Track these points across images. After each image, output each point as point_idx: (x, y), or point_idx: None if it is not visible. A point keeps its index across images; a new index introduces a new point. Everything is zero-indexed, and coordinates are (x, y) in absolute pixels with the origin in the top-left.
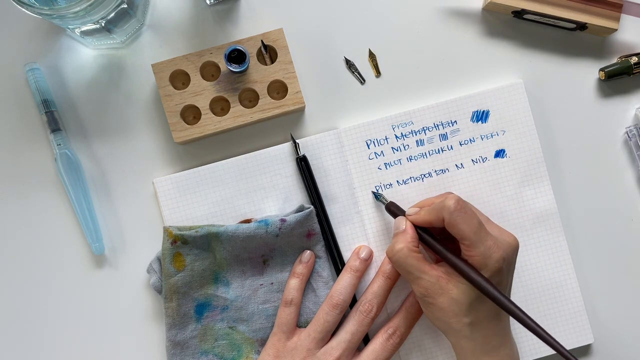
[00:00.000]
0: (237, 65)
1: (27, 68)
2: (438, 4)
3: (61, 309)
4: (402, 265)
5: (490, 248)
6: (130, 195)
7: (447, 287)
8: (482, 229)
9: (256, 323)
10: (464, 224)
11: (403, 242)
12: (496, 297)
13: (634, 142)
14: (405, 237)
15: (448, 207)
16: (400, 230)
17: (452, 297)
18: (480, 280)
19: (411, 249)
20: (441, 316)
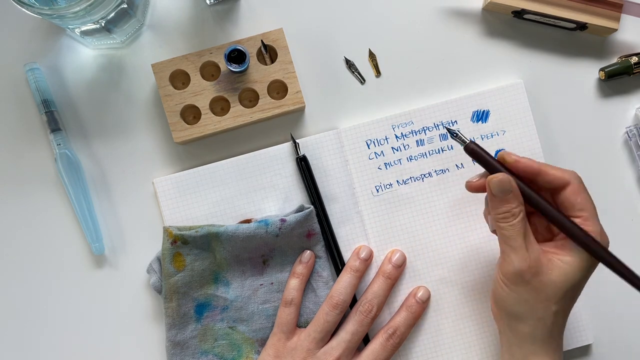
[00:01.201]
0: (237, 65)
1: (27, 68)
2: (438, 4)
3: (61, 309)
4: (513, 231)
5: (603, 231)
6: (130, 195)
7: (549, 265)
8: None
9: (256, 323)
10: (589, 197)
11: (518, 203)
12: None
13: (634, 142)
14: (519, 197)
15: (577, 175)
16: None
17: (552, 278)
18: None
19: (525, 213)
20: (530, 298)
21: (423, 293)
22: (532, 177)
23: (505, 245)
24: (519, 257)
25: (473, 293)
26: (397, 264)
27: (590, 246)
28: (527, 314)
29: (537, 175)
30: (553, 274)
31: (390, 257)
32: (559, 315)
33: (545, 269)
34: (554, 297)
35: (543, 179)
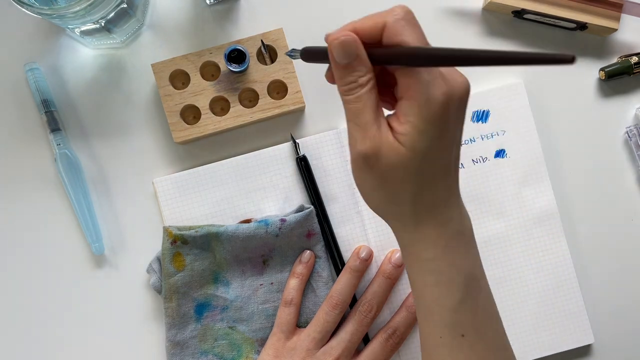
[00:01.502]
0: (237, 65)
1: (27, 68)
2: (438, 4)
3: (61, 308)
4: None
5: (435, 78)
6: (130, 195)
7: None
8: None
9: (256, 323)
10: (411, 34)
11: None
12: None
13: (634, 142)
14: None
15: (394, 12)
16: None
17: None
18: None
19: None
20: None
21: None
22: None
23: (350, 122)
24: (364, 136)
25: None
26: (397, 263)
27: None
28: (386, 202)
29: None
30: (399, 150)
31: (390, 257)
32: (420, 196)
33: (389, 148)
34: (406, 174)
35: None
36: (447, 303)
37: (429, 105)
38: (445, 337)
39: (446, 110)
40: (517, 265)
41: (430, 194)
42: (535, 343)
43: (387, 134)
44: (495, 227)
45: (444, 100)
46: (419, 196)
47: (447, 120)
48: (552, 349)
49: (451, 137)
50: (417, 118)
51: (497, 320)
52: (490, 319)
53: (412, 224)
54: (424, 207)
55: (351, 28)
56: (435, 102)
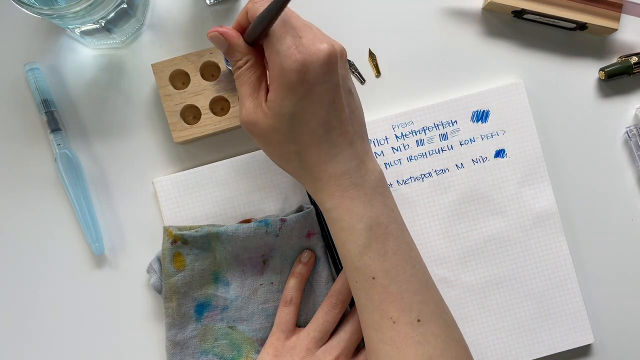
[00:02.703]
0: None
1: (27, 68)
2: (438, 4)
3: (61, 309)
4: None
5: (289, 48)
6: (130, 195)
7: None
8: (286, 25)
9: (256, 323)
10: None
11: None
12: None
13: (634, 142)
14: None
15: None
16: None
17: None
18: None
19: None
20: (266, 148)
21: None
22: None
23: (238, 96)
24: (243, 107)
25: (473, 293)
26: None
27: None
28: (278, 160)
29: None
30: (268, 115)
31: None
32: (304, 153)
33: (262, 115)
34: (282, 137)
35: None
36: (352, 248)
37: (284, 74)
38: (359, 281)
39: (303, 76)
40: (517, 265)
41: (314, 152)
42: (535, 343)
43: (262, 104)
44: (495, 227)
45: (299, 68)
46: (303, 154)
47: (307, 85)
48: (552, 349)
49: (318, 99)
50: (277, 85)
51: (413, 264)
52: (403, 263)
53: (309, 179)
54: (311, 163)
55: (235, 22)
56: (289, 69)
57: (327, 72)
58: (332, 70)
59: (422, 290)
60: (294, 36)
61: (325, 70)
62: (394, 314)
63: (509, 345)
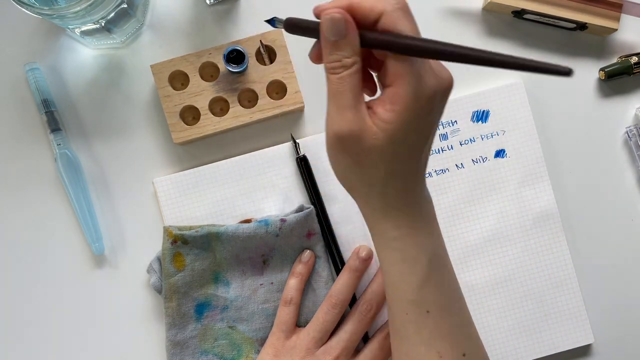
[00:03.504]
0: (236, 66)
1: (27, 68)
2: (438, 4)
3: (61, 308)
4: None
5: (427, 71)
6: (130, 195)
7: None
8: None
9: (256, 323)
10: (407, 25)
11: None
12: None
13: (634, 142)
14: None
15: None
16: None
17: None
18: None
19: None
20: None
21: None
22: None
23: (330, 102)
24: (342, 118)
25: (473, 293)
26: None
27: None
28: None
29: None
30: (378, 136)
31: None
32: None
33: (367, 133)
34: (380, 158)
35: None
36: (412, 280)
37: (418, 98)
38: (410, 313)
39: (431, 103)
40: (516, 265)
41: (401, 180)
42: (535, 343)
43: (366, 118)
44: (495, 227)
45: (432, 94)
46: (389, 180)
47: (430, 113)
48: (552, 349)
49: (429, 128)
50: (403, 108)
51: (460, 298)
52: (454, 297)
53: (380, 206)
54: (393, 191)
55: (347, 4)
56: (424, 95)
57: (445, 101)
58: (447, 99)
59: (467, 324)
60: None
61: (446, 99)
62: (442, 349)
63: (509, 345)
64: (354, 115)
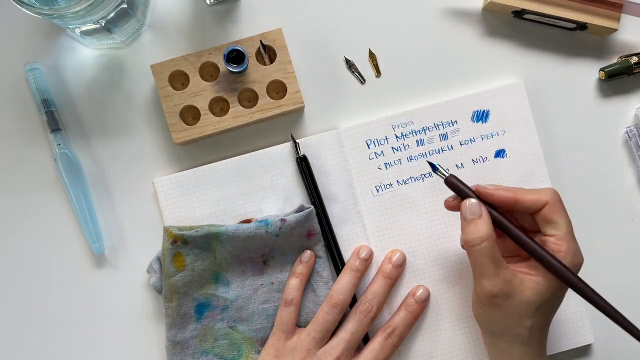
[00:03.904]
0: (236, 66)
1: (27, 68)
2: (438, 4)
3: (61, 308)
4: (483, 257)
5: (578, 250)
6: (130, 195)
7: (520, 287)
8: (572, 229)
9: (256, 323)
10: (567, 216)
11: (486, 230)
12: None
13: (634, 142)
14: (487, 225)
15: (555, 193)
16: (477, 216)
17: (524, 298)
18: (572, 276)
19: (495, 240)
20: (503, 320)
21: (422, 292)
22: (510, 206)
23: (475, 271)
24: (489, 282)
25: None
26: (397, 263)
27: (558, 271)
28: (503, 332)
29: (514, 205)
30: (525, 294)
31: (390, 256)
32: (535, 329)
33: (517, 290)
34: (526, 315)
35: (521, 206)
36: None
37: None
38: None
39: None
40: None
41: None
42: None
43: (513, 279)
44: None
45: (579, 269)
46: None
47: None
48: (552, 349)
49: (563, 296)
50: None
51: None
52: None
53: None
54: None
55: (512, 197)
56: (577, 269)
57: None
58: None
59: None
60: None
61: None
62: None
63: None
64: (500, 277)
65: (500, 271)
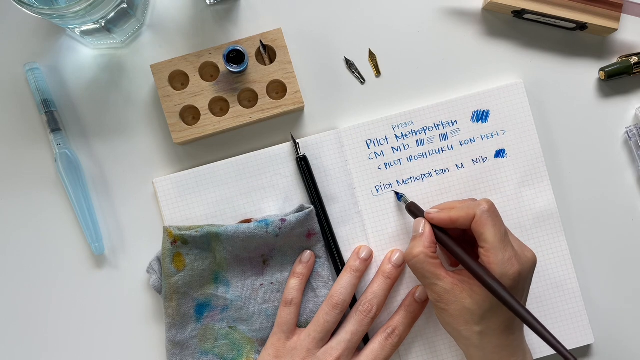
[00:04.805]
0: (236, 66)
1: (27, 68)
2: (438, 4)
3: (61, 309)
4: (418, 270)
5: (510, 259)
6: (130, 195)
7: (461, 295)
8: (507, 239)
9: (256, 323)
10: (493, 227)
11: (421, 247)
12: (513, 307)
13: (634, 142)
14: (423, 242)
15: (482, 206)
16: (419, 234)
17: (465, 305)
18: (498, 287)
19: (428, 255)
20: (452, 322)
21: (422, 293)
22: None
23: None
24: (428, 290)
25: None
26: (397, 263)
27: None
28: (455, 334)
29: (452, 223)
30: (465, 302)
31: (390, 257)
32: (487, 335)
33: (458, 297)
34: (472, 321)
35: (458, 224)
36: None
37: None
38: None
39: (516, 284)
40: None
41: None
42: (535, 343)
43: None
44: None
45: (515, 277)
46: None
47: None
48: (552, 349)
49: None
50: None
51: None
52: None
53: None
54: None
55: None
56: (507, 279)
57: (530, 278)
58: (532, 276)
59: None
60: (512, 247)
61: (530, 277)
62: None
63: None
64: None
65: (437, 282)
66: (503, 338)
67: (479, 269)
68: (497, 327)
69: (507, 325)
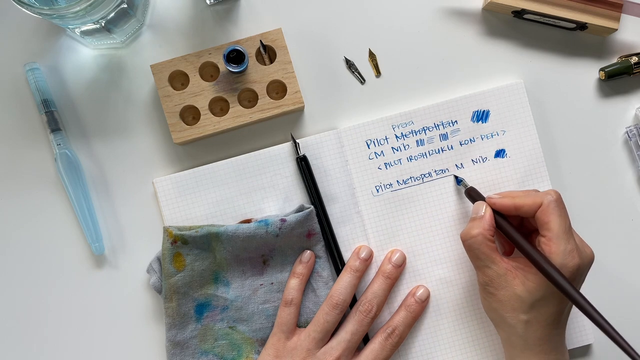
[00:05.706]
0: (236, 66)
1: (27, 68)
2: (438, 4)
3: (61, 309)
4: (474, 251)
5: (572, 251)
6: (130, 195)
7: (513, 282)
8: (571, 232)
9: (256, 323)
10: (559, 217)
11: (479, 228)
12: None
13: (634, 142)
14: (482, 223)
15: (550, 195)
16: (479, 216)
17: (516, 292)
18: (558, 276)
19: (486, 237)
20: (498, 308)
21: (422, 292)
22: (513, 211)
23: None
24: (479, 272)
25: (472, 293)
26: (397, 263)
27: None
28: (498, 321)
29: (516, 210)
30: (517, 288)
31: (390, 257)
32: (532, 325)
33: (510, 283)
34: (520, 309)
35: (522, 211)
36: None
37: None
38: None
39: (573, 277)
40: None
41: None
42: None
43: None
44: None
45: (574, 270)
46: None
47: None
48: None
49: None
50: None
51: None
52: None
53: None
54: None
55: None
56: (567, 270)
57: (585, 274)
58: (587, 272)
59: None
60: (574, 240)
61: (586, 273)
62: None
63: None
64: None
65: (491, 265)
66: (547, 331)
67: (538, 256)
68: (545, 319)
69: (555, 319)
